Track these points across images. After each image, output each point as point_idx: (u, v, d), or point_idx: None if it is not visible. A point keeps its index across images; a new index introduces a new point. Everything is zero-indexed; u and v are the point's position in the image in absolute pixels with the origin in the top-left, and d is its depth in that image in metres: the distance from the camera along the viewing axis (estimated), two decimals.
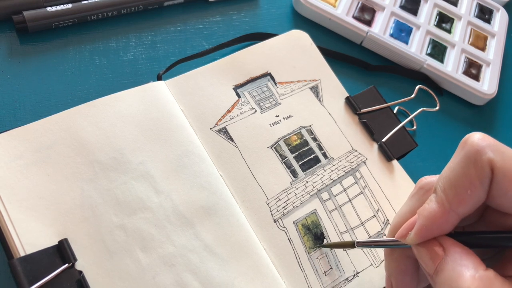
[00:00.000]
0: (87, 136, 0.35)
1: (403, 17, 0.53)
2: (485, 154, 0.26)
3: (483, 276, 0.25)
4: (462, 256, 0.26)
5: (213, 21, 0.48)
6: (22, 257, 0.30)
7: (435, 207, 0.27)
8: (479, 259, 0.26)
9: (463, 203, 0.27)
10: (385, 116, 0.44)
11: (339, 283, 0.36)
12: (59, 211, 0.33)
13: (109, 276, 0.32)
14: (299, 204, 0.38)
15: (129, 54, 0.44)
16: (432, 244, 0.27)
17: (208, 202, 0.36)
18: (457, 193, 0.27)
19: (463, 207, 0.27)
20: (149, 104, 0.38)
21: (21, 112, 0.39)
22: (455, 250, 0.27)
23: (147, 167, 0.35)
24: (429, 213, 0.27)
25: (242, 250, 0.35)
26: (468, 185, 0.26)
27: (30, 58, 0.41)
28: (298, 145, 0.40)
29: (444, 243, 0.27)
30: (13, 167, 0.33)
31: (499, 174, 0.26)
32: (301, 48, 0.45)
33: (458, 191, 0.27)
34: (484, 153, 0.26)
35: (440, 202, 0.27)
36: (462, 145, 0.27)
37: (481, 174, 0.26)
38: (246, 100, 0.41)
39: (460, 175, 0.27)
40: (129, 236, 0.33)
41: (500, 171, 0.26)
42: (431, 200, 0.28)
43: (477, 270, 0.25)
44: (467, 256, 0.26)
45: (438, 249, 0.27)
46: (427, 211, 0.28)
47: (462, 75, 0.51)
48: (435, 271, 0.27)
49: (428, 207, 0.28)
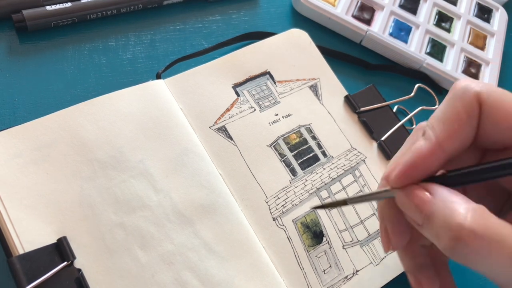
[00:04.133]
0: (86, 134, 0.35)
1: (403, 16, 0.53)
2: (472, 88, 0.26)
3: (477, 208, 0.24)
4: (451, 194, 0.25)
5: (213, 20, 0.48)
6: (21, 255, 0.30)
7: (422, 143, 0.27)
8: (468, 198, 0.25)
9: (450, 138, 0.26)
10: (385, 115, 0.44)
11: (338, 281, 0.36)
12: (58, 209, 0.33)
13: (108, 274, 0.32)
14: (298, 202, 0.38)
15: (129, 52, 0.44)
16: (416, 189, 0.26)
17: (207, 200, 0.36)
18: (444, 128, 0.26)
19: (450, 142, 0.26)
20: (148, 103, 0.38)
21: (20, 110, 0.39)
22: (442, 190, 0.25)
23: (146, 165, 0.35)
24: (416, 148, 0.27)
25: (241, 248, 0.35)
26: (456, 119, 0.26)
27: (30, 57, 0.41)
28: (297, 143, 0.40)
29: (429, 188, 0.26)
30: (12, 166, 0.33)
31: (487, 105, 0.26)
32: (301, 47, 0.45)
33: (446, 126, 0.26)
34: (471, 88, 0.26)
35: (428, 138, 0.27)
36: (451, 89, 0.27)
37: (468, 107, 0.26)
38: (245, 98, 0.41)
39: (448, 110, 0.27)
40: (128, 234, 0.33)
41: (488, 102, 0.25)
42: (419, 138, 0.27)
43: (470, 203, 0.24)
44: (456, 194, 0.25)
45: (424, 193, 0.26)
46: (414, 147, 0.27)
47: (462, 74, 0.51)
48: (425, 217, 0.25)
49: (416, 144, 0.27)
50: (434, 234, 0.25)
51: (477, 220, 0.23)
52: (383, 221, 0.30)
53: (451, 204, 0.24)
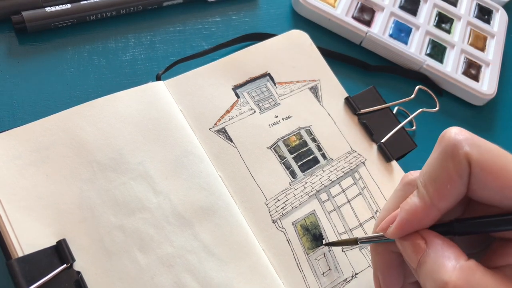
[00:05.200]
0: (86, 136, 0.35)
1: (403, 17, 0.53)
2: (462, 148, 0.26)
3: (464, 266, 0.25)
4: (443, 247, 0.27)
5: (212, 21, 0.48)
6: (20, 258, 0.30)
7: (416, 201, 0.28)
8: (461, 250, 0.27)
9: (444, 198, 0.27)
10: (385, 117, 0.44)
11: (337, 284, 0.36)
12: (58, 212, 0.33)
13: (107, 277, 0.31)
14: (298, 204, 0.38)
15: (128, 54, 0.44)
16: (414, 237, 0.28)
17: (207, 202, 0.35)
18: (437, 188, 0.27)
19: (443, 202, 0.27)
20: (148, 104, 0.38)
21: (19, 112, 0.39)
22: (437, 242, 0.27)
23: (146, 167, 0.35)
24: (411, 207, 0.28)
25: (241, 250, 0.35)
26: (448, 180, 0.27)
27: (29, 58, 0.41)
28: (297, 145, 0.40)
29: (426, 236, 0.28)
30: (11, 167, 0.33)
31: (476, 167, 0.26)
32: (301, 48, 0.45)
33: (438, 186, 0.27)
34: (461, 147, 0.26)
35: (421, 197, 0.28)
36: (440, 140, 0.28)
37: (459, 168, 0.26)
38: (245, 100, 0.41)
39: (439, 170, 0.27)
40: (127, 237, 0.33)
41: (477, 164, 0.26)
42: (414, 195, 0.28)
43: (458, 260, 0.26)
44: (449, 247, 0.27)
45: (420, 242, 0.27)
46: (409, 205, 0.28)
47: (462, 76, 0.51)
48: (418, 264, 0.27)
49: (410, 201, 0.28)
50: (422, 282, 0.27)
51: (461, 279, 0.25)
52: (375, 271, 0.32)
53: (441, 259, 0.26)
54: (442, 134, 0.28)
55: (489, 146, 0.27)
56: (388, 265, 0.31)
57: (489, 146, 0.27)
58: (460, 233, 0.28)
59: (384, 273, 0.31)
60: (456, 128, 0.27)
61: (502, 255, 0.27)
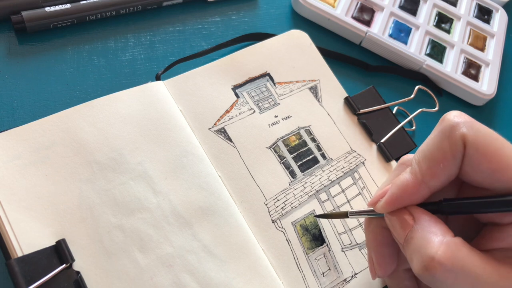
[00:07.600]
0: (85, 136, 0.35)
1: (402, 17, 0.53)
2: (459, 129, 0.27)
3: (451, 242, 0.26)
4: (430, 224, 0.27)
5: (212, 21, 0.48)
6: (19, 258, 0.30)
7: (408, 177, 0.28)
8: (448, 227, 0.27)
9: (435, 176, 0.27)
10: (384, 117, 0.44)
11: (337, 284, 0.36)
12: (57, 212, 0.33)
13: (107, 277, 0.31)
14: (298, 204, 0.38)
15: (128, 54, 0.44)
16: (402, 213, 0.28)
17: (207, 202, 0.35)
18: (430, 165, 0.27)
19: (435, 180, 0.28)
20: (148, 104, 0.38)
21: (19, 112, 0.39)
22: (424, 218, 0.27)
23: (145, 167, 0.35)
24: (402, 182, 0.28)
25: (241, 250, 0.35)
26: (441, 159, 0.27)
27: (29, 58, 0.41)
28: (296, 145, 0.40)
29: (414, 212, 0.28)
30: (11, 167, 0.33)
31: (471, 148, 0.26)
32: (300, 48, 0.45)
33: (431, 164, 0.27)
34: (458, 128, 0.27)
35: (413, 173, 0.28)
36: (440, 121, 0.28)
37: (454, 148, 0.27)
38: (244, 100, 0.41)
39: (434, 148, 0.28)
40: (127, 237, 0.33)
41: (472, 145, 0.26)
42: (406, 171, 0.29)
43: (445, 236, 0.26)
44: (436, 224, 0.27)
45: (408, 218, 0.28)
46: (400, 180, 0.29)
47: (461, 76, 0.51)
48: (405, 240, 0.27)
49: (402, 177, 0.29)
50: (409, 257, 0.27)
51: (447, 254, 0.25)
52: (369, 251, 0.32)
53: (428, 234, 0.26)
54: (442, 117, 0.28)
55: (486, 130, 0.27)
56: (381, 242, 0.31)
57: (486, 130, 0.27)
58: (448, 212, 0.28)
59: (377, 250, 0.31)
60: (457, 112, 0.28)
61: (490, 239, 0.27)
